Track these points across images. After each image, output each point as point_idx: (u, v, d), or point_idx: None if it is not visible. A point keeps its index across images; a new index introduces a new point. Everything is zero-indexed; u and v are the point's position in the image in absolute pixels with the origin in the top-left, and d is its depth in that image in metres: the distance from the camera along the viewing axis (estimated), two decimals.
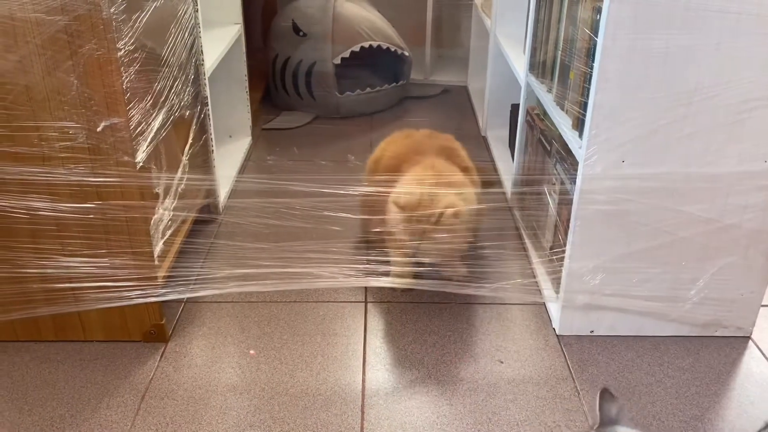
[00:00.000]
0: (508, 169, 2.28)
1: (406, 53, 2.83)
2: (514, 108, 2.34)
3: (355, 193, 1.52)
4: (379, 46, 2.73)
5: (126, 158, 1.32)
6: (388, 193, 1.57)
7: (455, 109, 2.95)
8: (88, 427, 1.29)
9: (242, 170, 2.32)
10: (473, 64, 3.09)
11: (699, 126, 1.33)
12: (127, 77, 1.29)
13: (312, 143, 2.56)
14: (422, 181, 1.59)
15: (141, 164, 1.36)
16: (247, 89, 2.45)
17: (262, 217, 1.64)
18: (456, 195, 1.62)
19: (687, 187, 1.39)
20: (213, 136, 1.95)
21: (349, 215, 1.50)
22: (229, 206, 2.06)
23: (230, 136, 2.50)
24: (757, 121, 1.32)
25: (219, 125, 2.34)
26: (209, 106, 1.90)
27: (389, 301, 1.67)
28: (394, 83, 2.85)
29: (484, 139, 2.61)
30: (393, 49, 2.78)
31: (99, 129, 1.29)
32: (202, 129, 1.88)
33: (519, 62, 2.10)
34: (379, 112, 2.84)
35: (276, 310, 1.63)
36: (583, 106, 1.38)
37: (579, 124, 1.45)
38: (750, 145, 1.35)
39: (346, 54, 2.68)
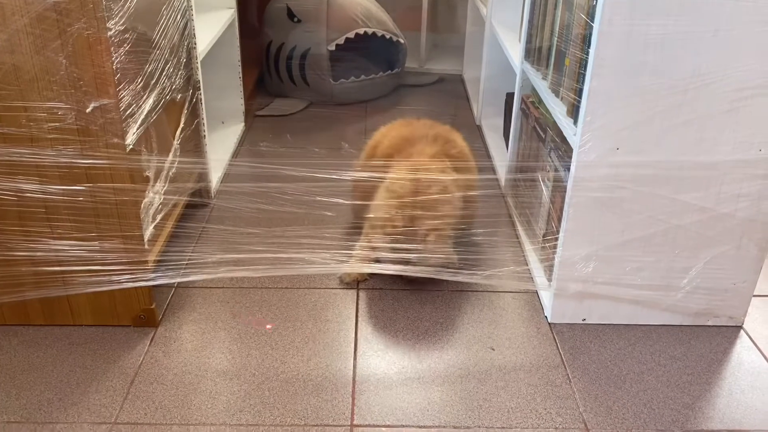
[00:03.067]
0: (502, 157, 2.27)
1: (401, 40, 2.81)
2: (509, 97, 2.33)
3: (348, 178, 1.50)
4: (374, 33, 2.71)
5: (116, 140, 1.30)
6: (381, 179, 1.56)
7: (450, 97, 2.94)
8: (75, 411, 1.28)
9: (235, 156, 2.30)
10: (468, 52, 3.07)
11: (695, 113, 1.32)
12: (117, 58, 1.27)
13: (305, 130, 2.55)
14: (416, 168, 1.58)
15: (131, 147, 1.34)
16: (240, 75, 2.43)
17: (254, 201, 1.62)
18: (451, 181, 1.62)
19: (681, 175, 1.38)
20: (205, 121, 1.93)
21: (341, 201, 1.48)
22: (221, 191, 2.05)
23: (223, 122, 2.48)
24: (752, 109, 1.32)
25: (211, 111, 2.32)
26: (201, 91, 1.88)
27: (381, 288, 1.66)
28: (389, 71, 2.83)
29: (479, 128, 2.60)
30: (388, 36, 2.76)
31: (88, 110, 1.27)
32: (194, 113, 1.86)
33: (514, 50, 2.09)
34: (373, 100, 2.83)
35: (267, 296, 1.62)
36: (579, 92, 1.37)
37: (574, 111, 1.44)
38: (745, 134, 1.34)
39: (341, 40, 2.65)
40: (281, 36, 2.70)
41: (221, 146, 2.32)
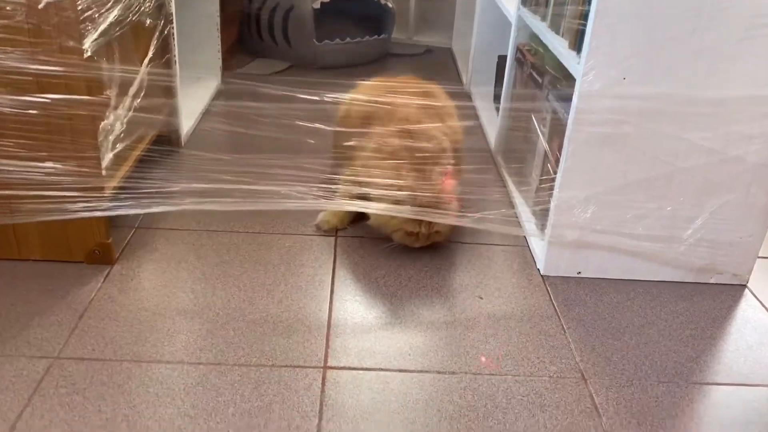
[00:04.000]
0: (491, 120, 2.16)
1: (390, 4, 2.70)
2: (501, 59, 2.23)
3: (330, 100, 1.38)
4: None
5: (71, 43, 1.17)
6: (369, 104, 1.44)
7: (439, 67, 2.83)
8: (13, 344, 1.14)
9: (206, 113, 2.16)
10: (458, 25, 2.97)
11: (707, 42, 1.22)
12: None
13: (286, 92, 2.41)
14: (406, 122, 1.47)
15: (89, 54, 1.21)
16: (218, 26, 2.30)
17: (227, 124, 1.48)
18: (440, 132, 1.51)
19: (690, 111, 1.28)
20: (177, 59, 1.79)
21: (324, 126, 1.36)
22: (191, 141, 1.91)
23: (198, 78, 2.34)
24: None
25: (186, 64, 2.18)
26: (174, 24, 1.74)
27: (362, 237, 1.53)
28: (376, 35, 2.71)
29: (469, 96, 2.49)
30: None
31: (41, 6, 1.13)
32: (165, 47, 1.72)
33: (510, 1, 1.98)
34: (359, 66, 2.70)
35: (237, 240, 1.49)
36: (584, 15, 1.26)
37: (577, 43, 1.34)
38: (759, 67, 1.24)
39: None
40: None
41: (195, 99, 2.18)
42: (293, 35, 2.57)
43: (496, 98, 2.26)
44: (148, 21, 1.57)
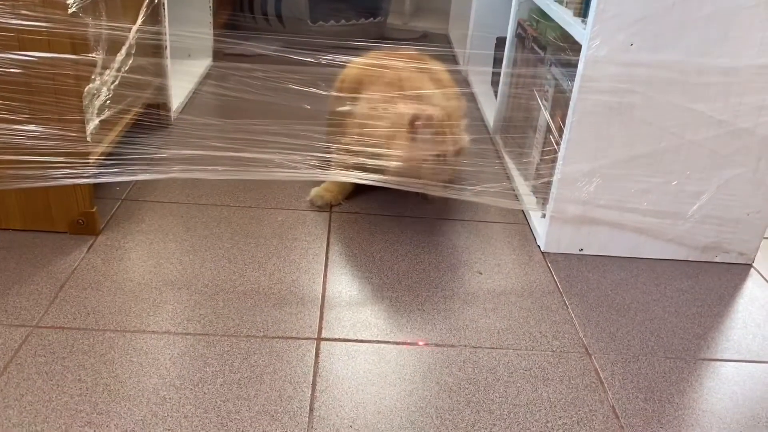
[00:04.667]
0: (489, 103, 2.12)
1: None
2: (500, 41, 2.18)
3: (327, 62, 1.33)
4: None
5: None
6: (367, 71, 1.38)
7: (435, 52, 2.77)
8: None
9: (198, 90, 2.10)
10: (455, 10, 2.93)
11: (719, 6, 1.17)
12: None
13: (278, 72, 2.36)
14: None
15: (73, 10, 1.15)
16: (211, 4, 2.24)
17: (220, 87, 1.42)
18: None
19: (699, 81, 1.23)
20: (168, 28, 1.73)
21: (320, 92, 1.30)
22: (180, 118, 1.85)
23: (189, 55, 2.28)
24: None
25: (178, 41, 2.12)
26: None
27: (357, 212, 1.48)
28: (372, 18, 2.66)
29: (466, 80, 2.45)
30: None
31: None
32: (155, 16, 1.66)
33: None
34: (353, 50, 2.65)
35: (228, 213, 1.43)
36: None
37: (583, 10, 1.29)
38: None
39: None
40: None
41: (186, 76, 2.12)
42: (286, 16, 2.51)
43: (494, 83, 2.21)
44: None
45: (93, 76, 1.28)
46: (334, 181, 1.47)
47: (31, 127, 1.20)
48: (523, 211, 1.53)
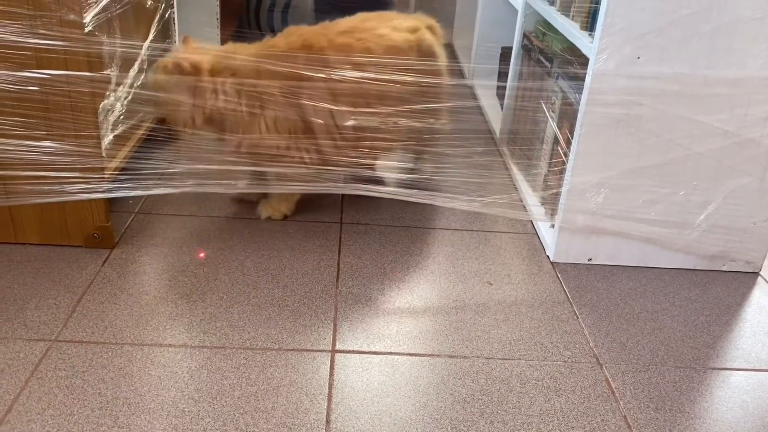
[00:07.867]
0: (495, 115, 2.13)
1: None
2: (505, 50, 2.21)
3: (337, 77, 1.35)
4: None
5: (72, 17, 1.13)
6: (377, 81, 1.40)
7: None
8: (10, 327, 1.10)
9: None
10: (459, 20, 2.95)
11: (724, 18, 1.19)
12: None
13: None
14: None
15: (90, 29, 1.17)
16: (218, 16, 2.26)
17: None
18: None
19: (705, 92, 1.25)
20: (178, 44, 1.75)
21: (330, 106, 1.32)
22: None
23: None
24: None
25: None
26: (175, 9, 1.71)
27: (367, 224, 1.50)
28: None
29: (471, 90, 2.47)
30: None
31: None
32: (166, 31, 1.69)
33: None
34: None
35: (240, 226, 1.45)
36: None
37: (589, 24, 1.31)
38: None
39: None
40: None
41: None
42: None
43: (500, 96, 2.23)
44: (149, 3, 1.53)
45: (107, 92, 1.30)
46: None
47: (48, 144, 1.22)
48: (531, 221, 1.54)
